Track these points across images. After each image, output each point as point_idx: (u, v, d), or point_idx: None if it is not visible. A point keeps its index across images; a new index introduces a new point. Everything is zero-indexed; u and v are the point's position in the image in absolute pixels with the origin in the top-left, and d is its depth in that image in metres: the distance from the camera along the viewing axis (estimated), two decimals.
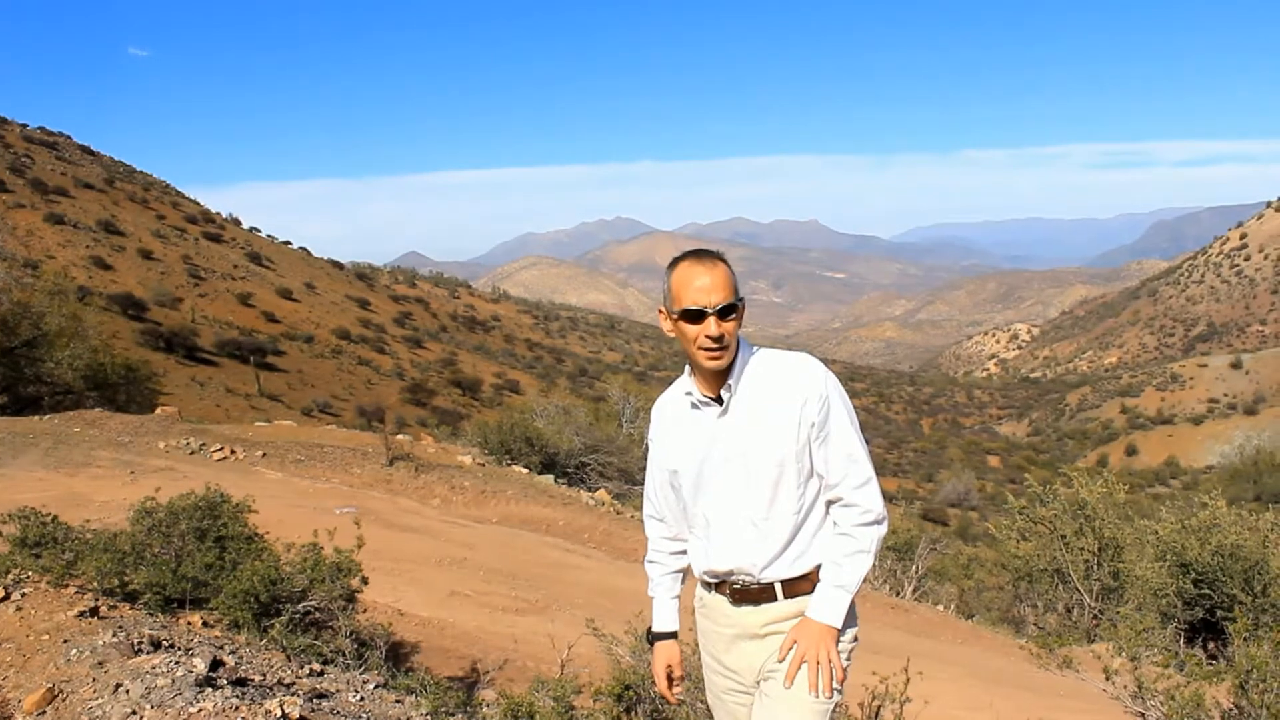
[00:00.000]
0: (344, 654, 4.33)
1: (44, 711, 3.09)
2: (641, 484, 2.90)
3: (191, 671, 3.26)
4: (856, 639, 2.30)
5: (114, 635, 3.61)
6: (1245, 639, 4.21)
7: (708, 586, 2.37)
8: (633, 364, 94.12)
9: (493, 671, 5.42)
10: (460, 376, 55.26)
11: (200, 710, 3.03)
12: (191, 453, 12.34)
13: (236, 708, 3.08)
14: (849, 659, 2.27)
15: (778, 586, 2.25)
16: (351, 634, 4.47)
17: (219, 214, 75.24)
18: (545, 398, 21.56)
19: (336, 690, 3.81)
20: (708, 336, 2.16)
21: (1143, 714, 4.33)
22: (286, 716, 3.09)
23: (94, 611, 3.96)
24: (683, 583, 2.55)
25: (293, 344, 49.27)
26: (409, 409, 43.56)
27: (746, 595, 2.28)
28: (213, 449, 12.53)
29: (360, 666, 4.31)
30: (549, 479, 13.89)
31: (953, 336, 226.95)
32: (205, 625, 4.38)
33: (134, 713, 3.02)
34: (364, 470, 12.62)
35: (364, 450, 13.62)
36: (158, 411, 15.55)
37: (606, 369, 78.22)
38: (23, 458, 10.90)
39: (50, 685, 3.20)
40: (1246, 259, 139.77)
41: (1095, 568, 10.38)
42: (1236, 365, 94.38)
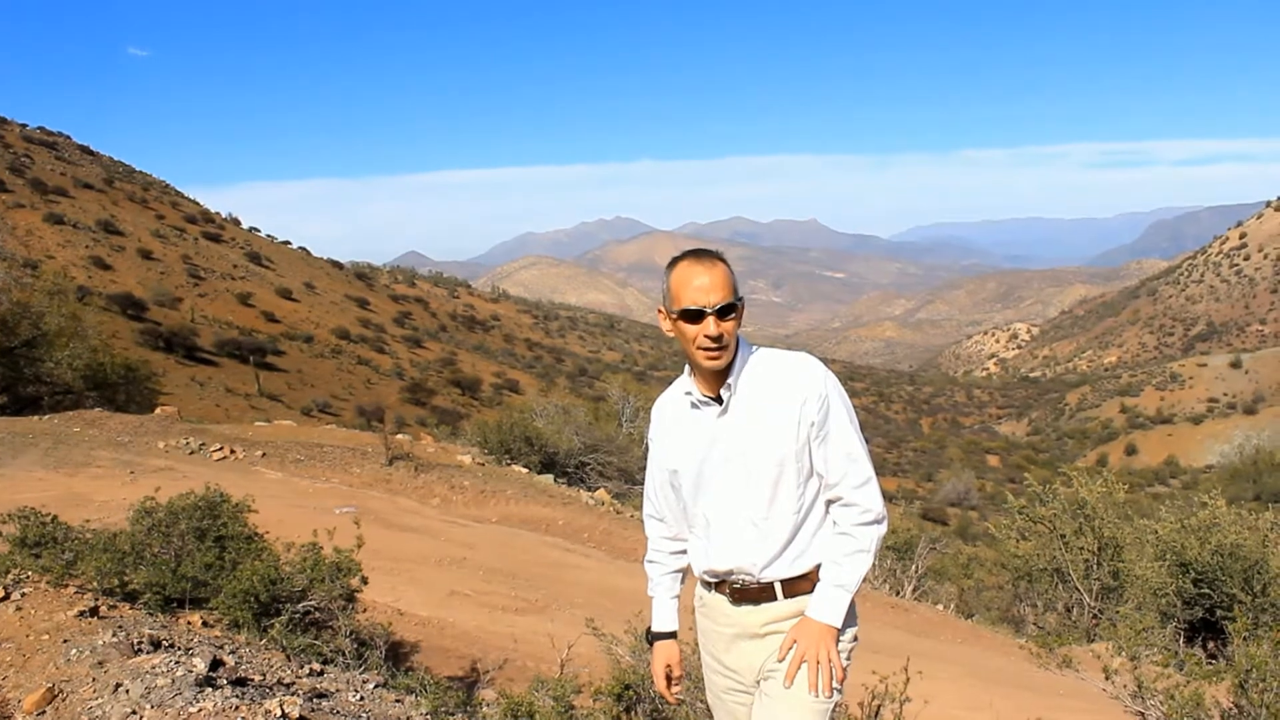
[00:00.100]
0: (344, 654, 4.33)
1: (44, 711, 3.09)
2: (641, 483, 2.89)
3: (191, 671, 3.26)
4: (856, 638, 2.30)
5: (114, 635, 3.61)
6: (1245, 638, 4.21)
7: (707, 586, 2.37)
8: (632, 363, 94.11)
9: (492, 671, 5.43)
10: (460, 376, 55.27)
11: (200, 710, 3.03)
12: (191, 452, 12.34)
13: (236, 707, 3.08)
14: (849, 658, 2.27)
15: (777, 586, 2.25)
16: (351, 634, 4.47)
17: (218, 214, 75.25)
18: (545, 397, 21.57)
19: (336, 690, 3.81)
20: (707, 336, 2.16)
21: (1142, 713, 4.33)
22: (286, 716, 3.09)
23: (94, 611, 3.96)
24: (682, 582, 2.55)
25: (292, 344, 49.28)
26: (408, 409, 43.58)
27: (746, 595, 2.28)
28: (212, 449, 12.53)
29: (360, 666, 4.32)
30: (549, 479, 13.89)
31: (952, 336, 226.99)
32: (205, 625, 4.38)
33: (134, 712, 3.02)
34: (363, 470, 12.62)
35: (363, 450, 13.62)
36: (157, 411, 15.55)
37: (606, 368, 78.22)
38: (22, 458, 10.90)
39: (50, 685, 3.20)
40: (1246, 258, 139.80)
41: (1095, 567, 10.39)
42: (1236, 365, 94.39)
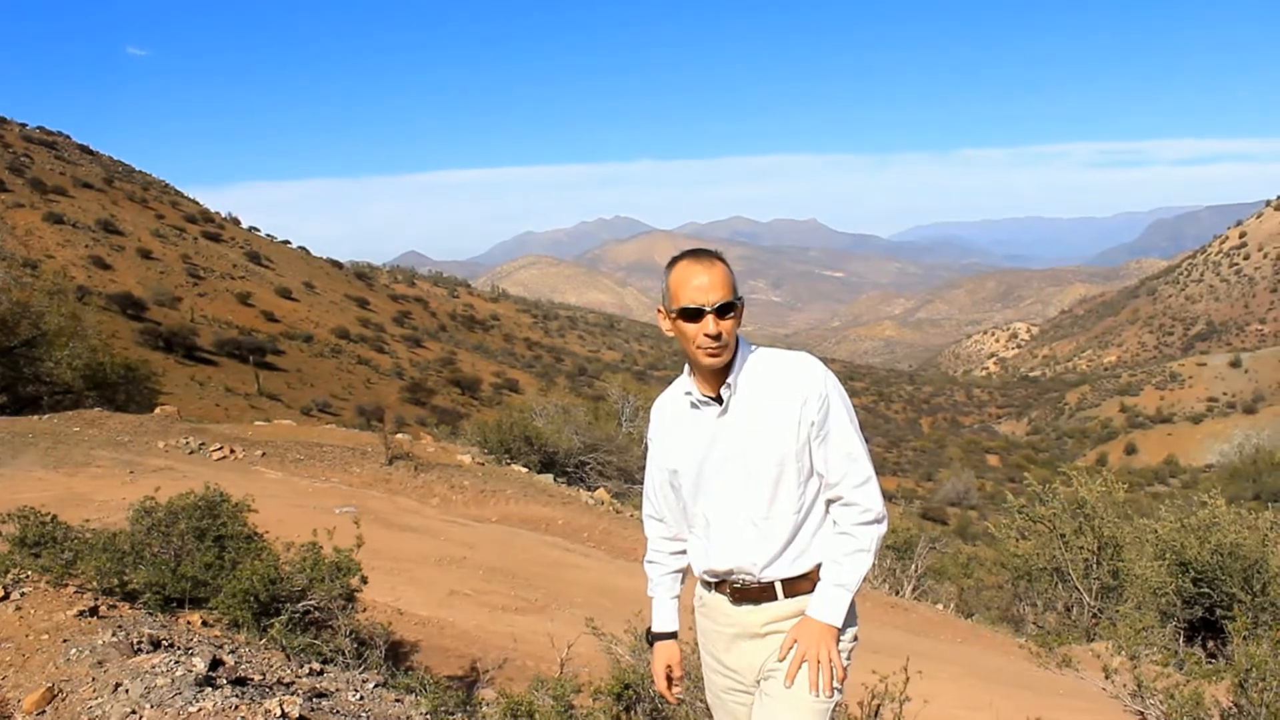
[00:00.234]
0: (343, 653, 4.33)
1: (44, 711, 3.09)
2: (641, 483, 2.89)
3: (191, 671, 3.26)
4: (857, 638, 2.30)
5: (113, 635, 3.61)
6: (1244, 637, 4.21)
7: (707, 586, 2.37)
8: (632, 363, 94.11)
9: (492, 670, 5.43)
10: (459, 376, 55.29)
11: (200, 710, 3.03)
12: (191, 452, 12.33)
13: (236, 707, 3.07)
14: (849, 658, 2.27)
15: (778, 586, 2.25)
16: (351, 633, 4.47)
17: (218, 213, 75.27)
18: (544, 397, 21.57)
19: (336, 689, 3.81)
20: (706, 335, 2.15)
21: (1142, 712, 4.33)
22: (286, 716, 3.09)
23: (93, 611, 3.96)
24: (682, 582, 2.55)
25: (292, 343, 49.29)
26: (408, 408, 43.60)
27: (746, 594, 2.28)
28: (212, 448, 12.52)
29: (360, 666, 4.31)
30: (548, 478, 13.89)
31: (952, 335, 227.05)
32: (205, 625, 4.37)
33: (133, 712, 3.02)
34: (363, 469, 12.62)
35: (363, 449, 13.61)
36: (157, 411, 15.55)
37: (605, 368, 78.22)
38: (22, 457, 10.90)
39: (50, 685, 3.20)
40: (1246, 258, 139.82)
41: (1094, 566, 10.39)
42: (1236, 364, 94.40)
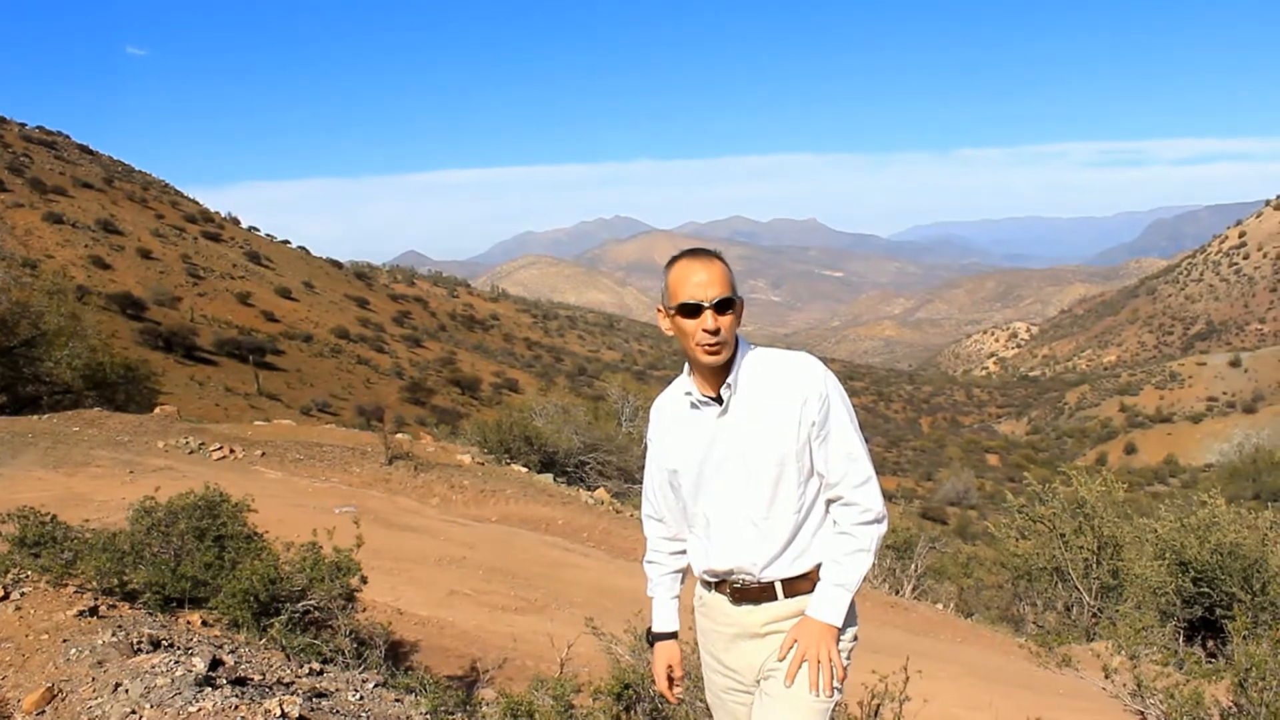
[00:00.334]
0: (343, 653, 4.32)
1: (43, 711, 3.09)
2: (640, 483, 2.89)
3: (191, 671, 3.26)
4: (856, 638, 2.30)
5: (113, 635, 3.61)
6: (1244, 637, 4.21)
7: (707, 586, 2.37)
8: (631, 363, 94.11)
9: (492, 670, 5.43)
10: (459, 375, 55.30)
11: (200, 709, 3.03)
12: (190, 452, 12.33)
13: (236, 707, 3.07)
14: (849, 658, 2.27)
15: (778, 586, 2.25)
16: (351, 633, 4.47)
17: (218, 213, 75.27)
18: (544, 396, 21.56)
19: (336, 689, 3.80)
20: (704, 330, 2.15)
21: (1142, 712, 4.33)
22: (286, 715, 3.09)
23: (93, 611, 3.96)
24: (682, 582, 2.55)
25: (292, 343, 49.30)
26: (408, 408, 43.60)
27: (746, 594, 2.28)
28: (212, 448, 12.52)
29: (360, 665, 4.31)
30: (548, 478, 13.89)
31: (952, 335, 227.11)
32: (204, 624, 4.37)
33: (133, 712, 3.02)
34: (363, 469, 12.62)
35: (363, 449, 13.61)
36: (157, 411, 15.55)
37: (605, 368, 78.24)
38: (22, 457, 10.89)
39: (49, 685, 3.20)
40: (1245, 257, 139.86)
41: (1094, 566, 10.39)
42: (1235, 364, 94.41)
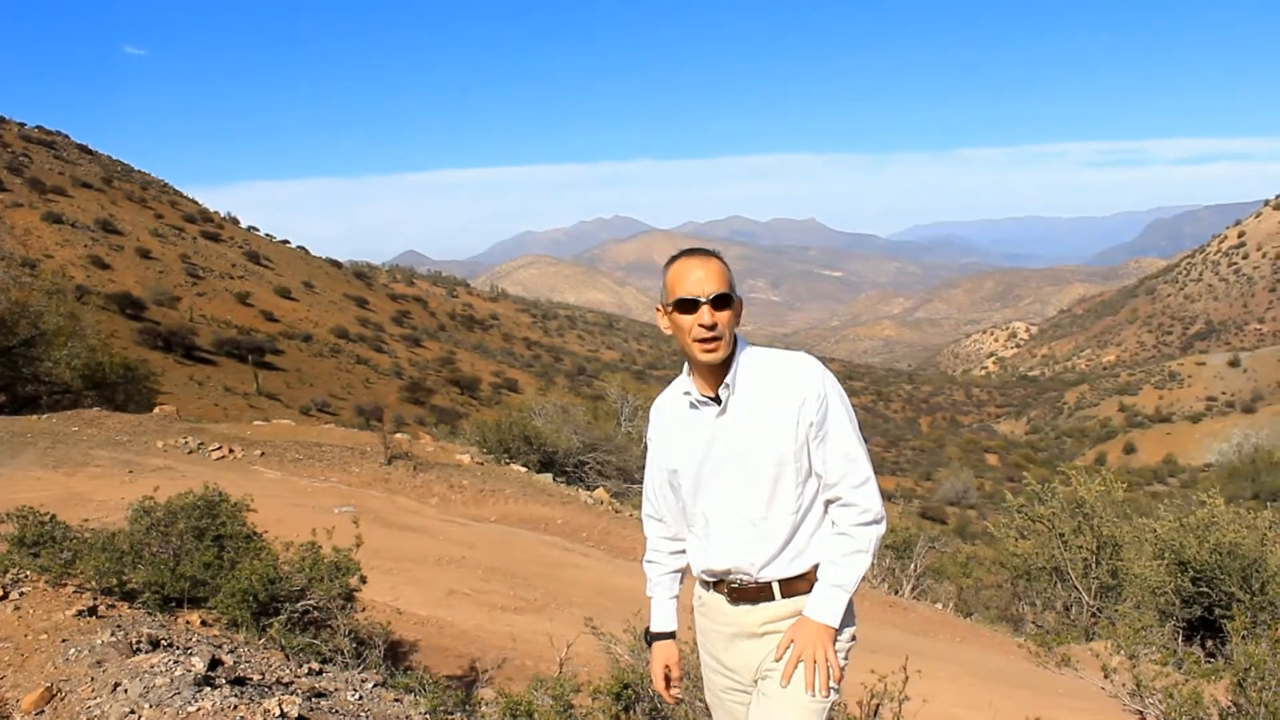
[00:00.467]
0: (342, 653, 4.33)
1: (42, 711, 3.09)
2: (639, 482, 2.89)
3: (190, 671, 3.26)
4: (854, 638, 2.30)
5: (112, 634, 3.61)
6: (1243, 637, 4.21)
7: (706, 585, 2.37)
8: (631, 362, 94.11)
9: (491, 670, 5.43)
10: (458, 375, 55.29)
11: (199, 709, 3.03)
12: (190, 452, 12.32)
13: (235, 707, 3.07)
14: (846, 658, 2.27)
15: (775, 586, 2.25)
16: (350, 633, 4.47)
17: (217, 213, 75.24)
18: (543, 396, 21.57)
19: (335, 689, 3.81)
20: (701, 325, 2.15)
21: (1141, 712, 4.34)
22: (285, 715, 3.09)
23: (92, 611, 3.96)
24: (681, 582, 2.55)
25: (291, 343, 49.28)
26: (407, 408, 43.59)
27: (744, 594, 2.28)
28: (211, 448, 12.52)
29: (359, 665, 4.31)
30: (547, 478, 13.88)
31: (951, 335, 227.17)
32: (204, 624, 4.37)
33: (132, 712, 3.02)
34: (362, 469, 12.61)
35: (362, 449, 13.61)
36: (156, 411, 15.54)
37: (605, 367, 78.24)
38: (21, 457, 10.89)
39: (49, 684, 3.20)
40: (1244, 257, 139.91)
41: (1093, 566, 10.39)
42: (1234, 363, 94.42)
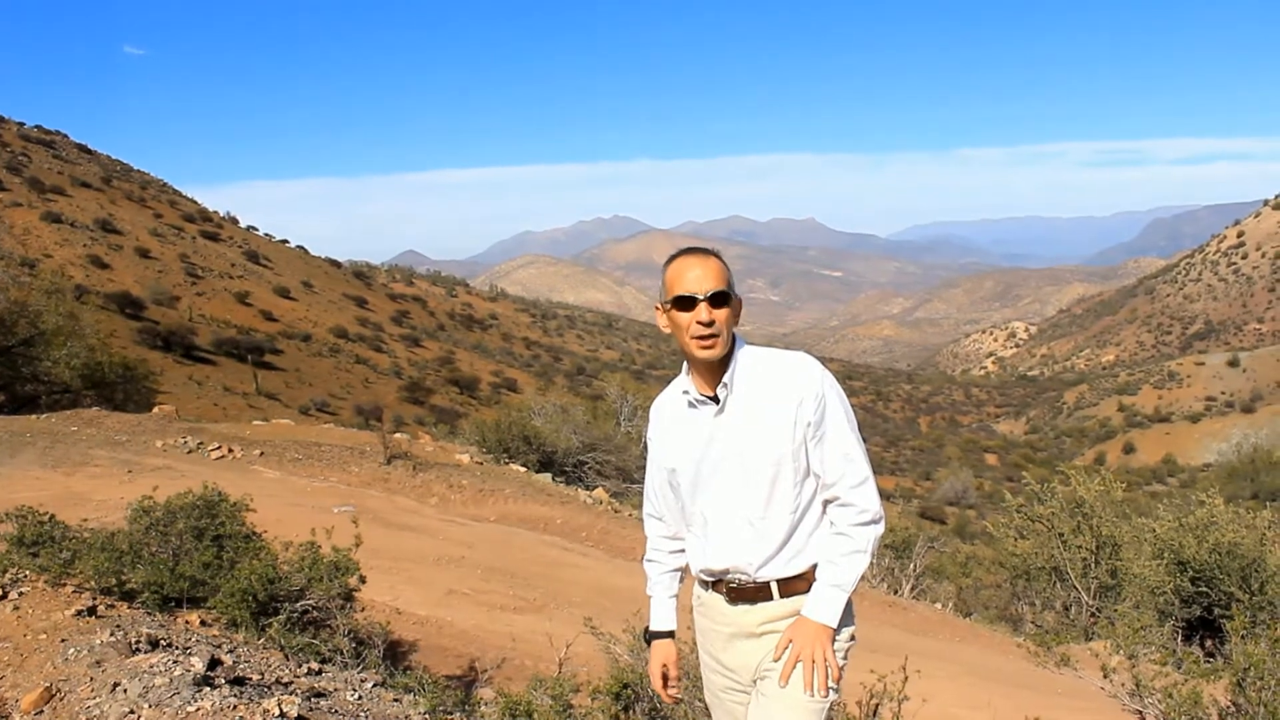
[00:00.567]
0: (342, 653, 4.33)
1: (42, 711, 3.09)
2: (639, 482, 2.89)
3: (189, 670, 3.26)
4: (853, 638, 2.30)
5: (111, 634, 3.61)
6: (1242, 636, 4.21)
7: (705, 585, 2.38)
8: (630, 362, 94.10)
9: (491, 670, 5.43)
10: (458, 375, 55.27)
11: (198, 709, 3.03)
12: (189, 451, 12.32)
13: (234, 706, 3.07)
14: (845, 658, 2.27)
15: (774, 585, 2.25)
16: (349, 633, 4.47)
17: (216, 212, 75.18)
18: (543, 396, 21.55)
19: (334, 689, 3.81)
20: (699, 322, 2.16)
21: (1140, 711, 4.34)
22: (284, 715, 3.09)
23: (91, 610, 3.96)
24: (681, 582, 2.55)
25: (290, 342, 49.26)
26: (407, 407, 43.57)
27: (742, 594, 2.28)
28: (210, 448, 12.51)
29: (358, 665, 4.31)
30: (547, 477, 13.88)
31: (950, 335, 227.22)
32: (203, 624, 4.37)
33: (132, 712, 3.02)
34: (362, 469, 12.61)
35: (362, 449, 13.61)
36: (155, 410, 15.54)
37: (604, 367, 78.22)
38: (20, 457, 10.88)
39: (48, 684, 3.20)
40: (1244, 257, 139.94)
41: (1093, 566, 10.40)
42: (1234, 363, 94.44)
